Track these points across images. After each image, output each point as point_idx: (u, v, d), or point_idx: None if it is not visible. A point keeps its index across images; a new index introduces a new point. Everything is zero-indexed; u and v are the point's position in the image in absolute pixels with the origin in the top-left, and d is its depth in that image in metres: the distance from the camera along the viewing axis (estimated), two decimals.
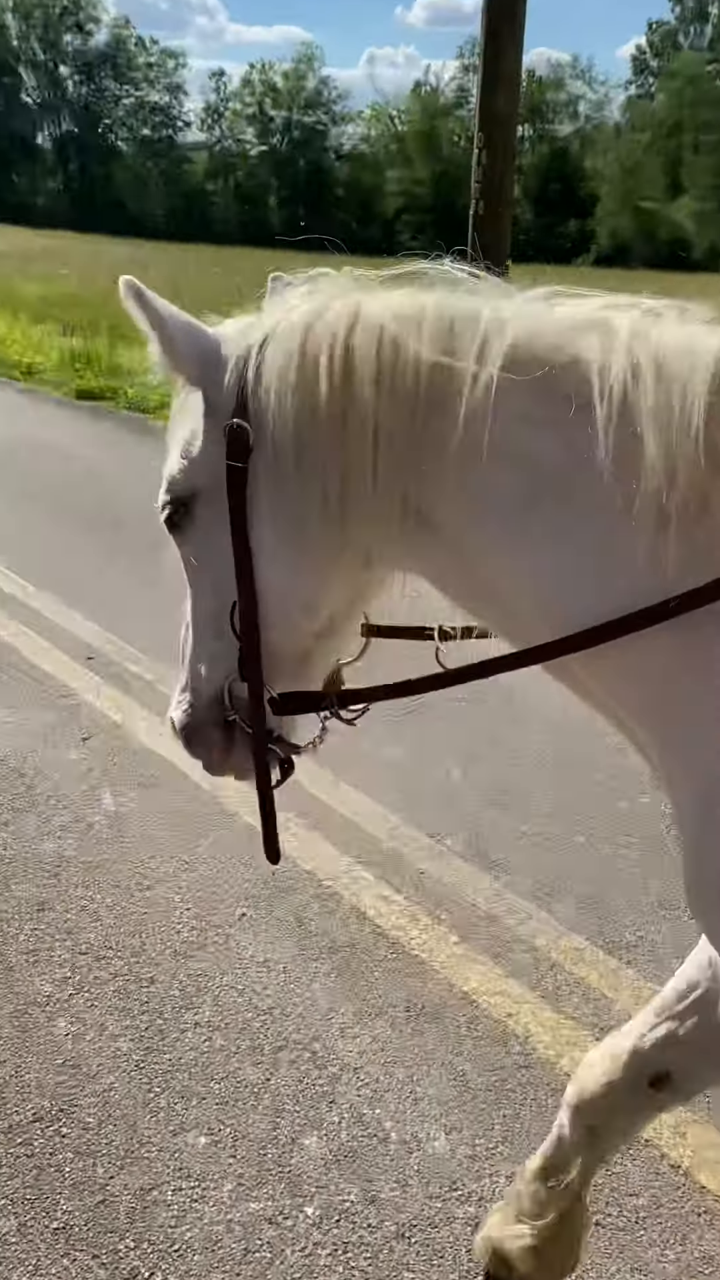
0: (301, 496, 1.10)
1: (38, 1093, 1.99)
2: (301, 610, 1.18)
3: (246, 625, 1.16)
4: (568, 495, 1.00)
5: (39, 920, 2.50)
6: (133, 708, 3.58)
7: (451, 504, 1.06)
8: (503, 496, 1.03)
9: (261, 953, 2.40)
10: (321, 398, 1.05)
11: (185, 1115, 1.96)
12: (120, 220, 64.62)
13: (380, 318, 1.05)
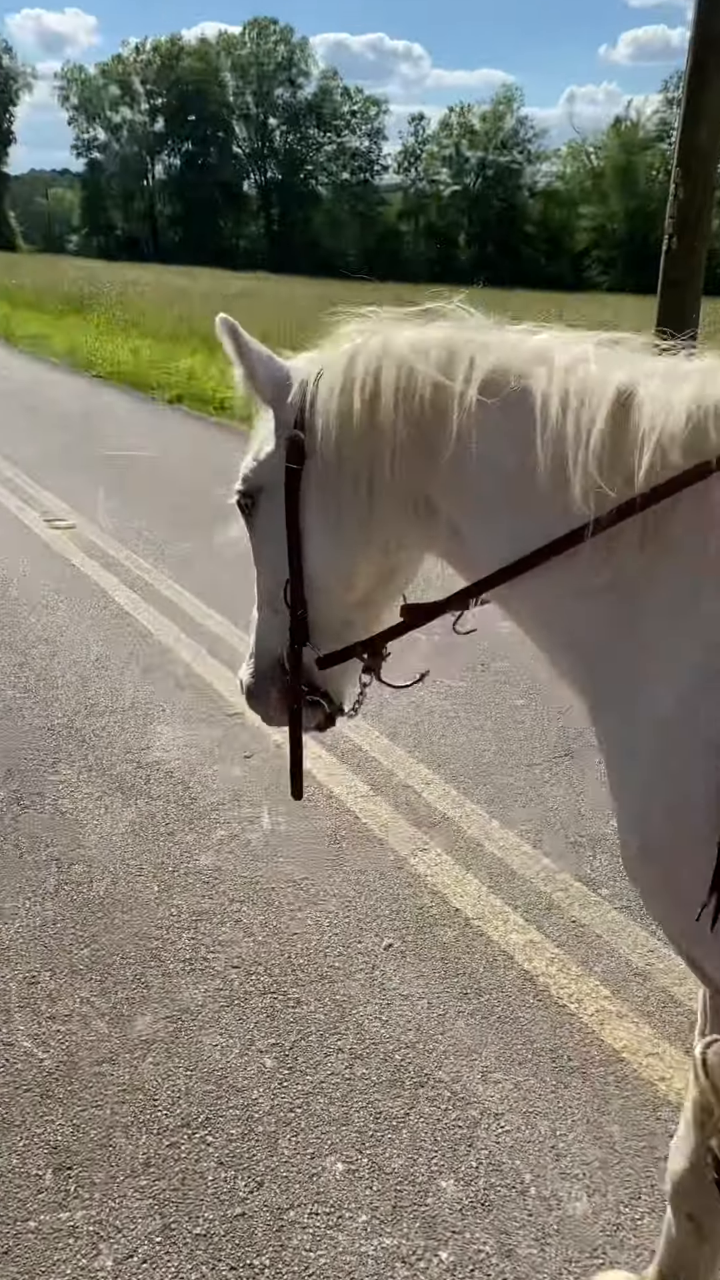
0: (340, 494, 1.40)
1: (186, 1098, 2.06)
2: (341, 584, 1.47)
3: (295, 596, 1.47)
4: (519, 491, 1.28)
5: (196, 930, 2.59)
6: None
7: (448, 497, 1.36)
8: (481, 491, 1.32)
9: (406, 986, 2.40)
10: (355, 418, 1.36)
11: (324, 1140, 1.97)
12: (314, 261, 67.21)
13: (401, 350, 1.35)
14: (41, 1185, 1.85)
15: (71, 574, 5.35)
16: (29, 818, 3.08)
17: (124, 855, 2.91)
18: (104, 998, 2.34)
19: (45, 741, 3.57)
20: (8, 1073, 2.11)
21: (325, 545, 1.45)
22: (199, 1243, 1.76)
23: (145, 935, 2.57)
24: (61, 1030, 2.23)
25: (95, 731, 3.66)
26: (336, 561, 1.46)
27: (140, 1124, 2.00)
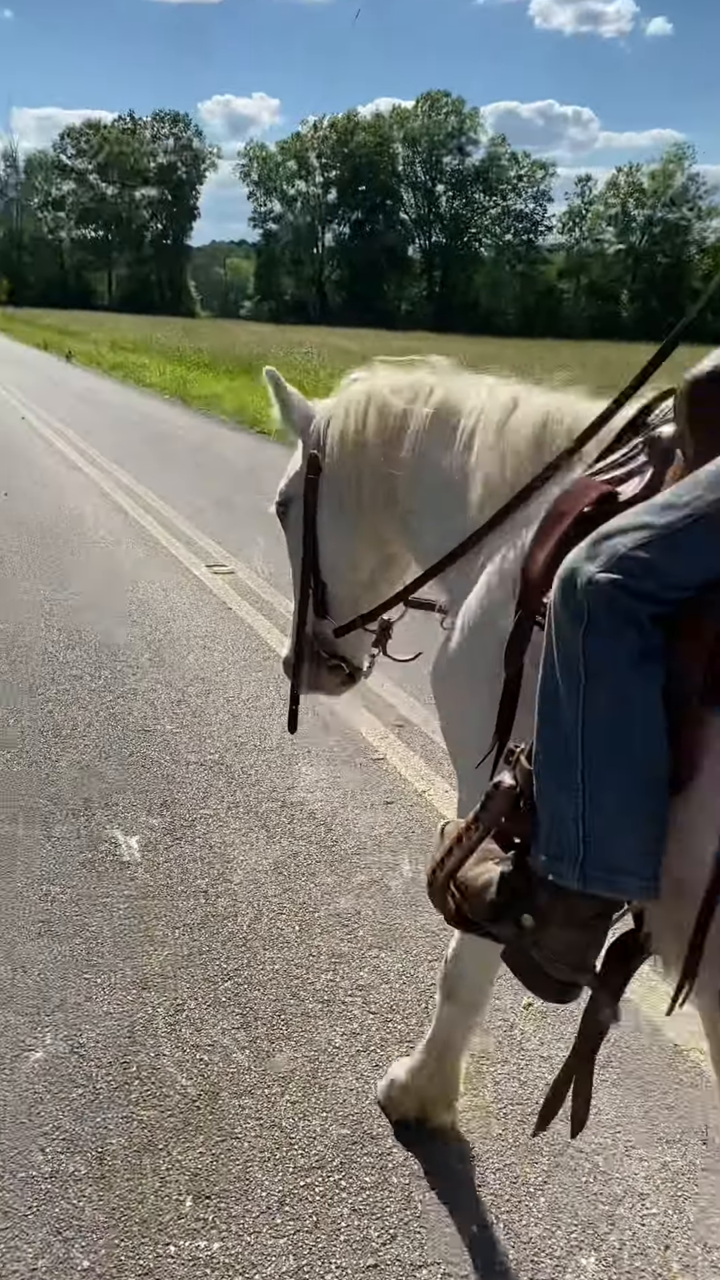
0: (342, 496, 1.94)
1: (321, 1140, 2.06)
2: (348, 567, 2.02)
3: (305, 574, 2.01)
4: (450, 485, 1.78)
5: (334, 972, 2.61)
6: (435, 780, 3.67)
7: (413, 494, 1.86)
8: (430, 485, 1.83)
9: (545, 1048, 2.32)
10: (349, 437, 1.91)
11: (459, 1198, 1.93)
12: (474, 320, 68.26)
13: (381, 388, 1.91)
14: (181, 1211, 1.89)
15: (228, 617, 5.57)
16: (179, 849, 3.19)
17: (267, 892, 2.97)
18: (245, 1031, 2.38)
19: (198, 776, 3.70)
20: (155, 1096, 2.16)
21: (334, 536, 1.99)
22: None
23: (285, 973, 2.60)
24: (204, 1060, 2.28)
25: (244, 769, 3.77)
26: (343, 549, 2.00)
27: (276, 1160, 2.01)
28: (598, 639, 1.24)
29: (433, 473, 1.82)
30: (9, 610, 5.43)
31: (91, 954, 2.63)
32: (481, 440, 1.74)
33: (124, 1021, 2.39)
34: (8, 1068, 2.22)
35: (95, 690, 4.43)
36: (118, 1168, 1.97)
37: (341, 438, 1.92)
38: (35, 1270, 1.76)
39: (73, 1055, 2.27)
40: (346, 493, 1.94)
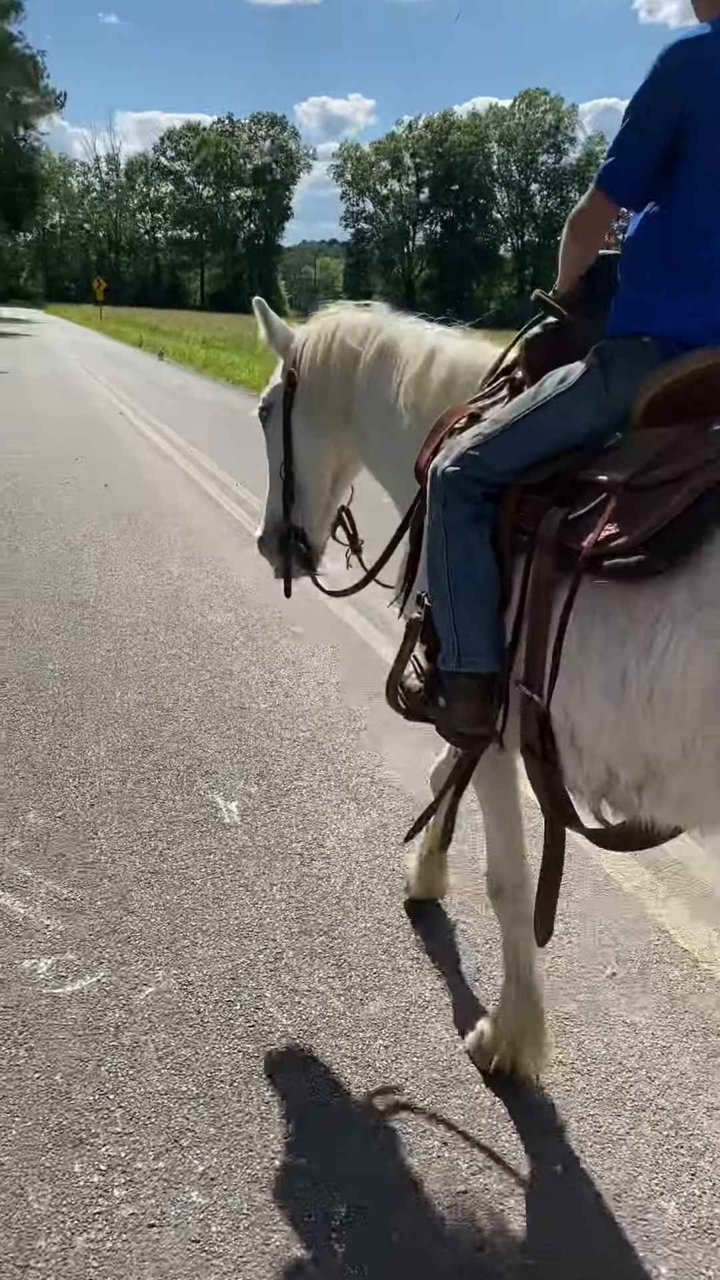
0: (309, 405, 2.46)
1: (413, 1081, 2.19)
2: (316, 463, 2.54)
3: (285, 466, 2.54)
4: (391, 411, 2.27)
5: (423, 934, 2.73)
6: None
7: (363, 413, 2.39)
8: (375, 408, 2.33)
9: (629, 1015, 2.41)
10: (318, 360, 2.42)
11: (543, 1141, 2.04)
12: None
13: (342, 326, 2.42)
14: (285, 1132, 2.04)
15: (320, 605, 5.72)
16: (275, 815, 3.35)
17: (358, 858, 3.11)
18: (339, 980, 2.52)
19: (291, 750, 3.86)
20: (257, 1032, 2.32)
21: (303, 437, 2.50)
22: (423, 1205, 1.87)
23: (377, 931, 2.74)
24: (302, 1003, 2.43)
25: (334, 746, 3.91)
26: (311, 447, 2.52)
27: (370, 1097, 2.14)
28: (450, 510, 1.86)
29: (378, 398, 2.32)
30: (112, 593, 5.70)
31: (196, 904, 2.81)
32: (411, 384, 2.24)
33: (227, 965, 2.56)
34: (125, 998, 2.41)
35: (193, 669, 4.63)
36: (225, 1091, 2.14)
37: (312, 359, 2.43)
38: (157, 1169, 1.93)
39: (181, 991, 2.45)
40: (315, 402, 2.46)
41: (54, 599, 5.49)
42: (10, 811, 3.25)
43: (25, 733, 3.84)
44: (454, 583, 1.87)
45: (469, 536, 1.84)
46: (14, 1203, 1.85)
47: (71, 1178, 1.91)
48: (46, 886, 2.85)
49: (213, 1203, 1.87)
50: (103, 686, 4.34)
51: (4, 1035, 2.26)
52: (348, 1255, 1.78)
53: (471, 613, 1.85)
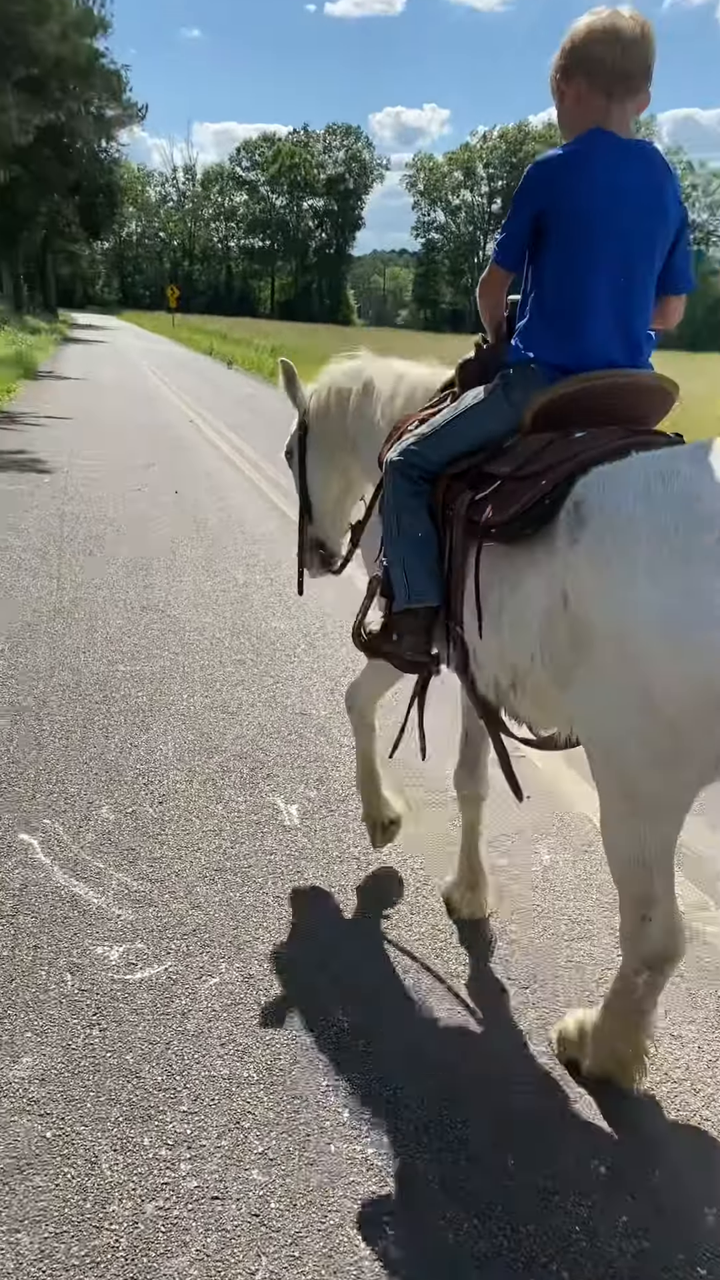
0: (318, 444, 3.19)
1: (465, 1078, 2.28)
2: (323, 488, 3.25)
3: (301, 494, 3.30)
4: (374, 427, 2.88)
5: (477, 942, 2.82)
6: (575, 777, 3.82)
7: (357, 435, 3.00)
8: (365, 429, 2.94)
9: (676, 1027, 2.47)
10: (321, 411, 3.14)
11: (587, 1141, 2.12)
12: None
13: (334, 377, 3.11)
14: (340, 1119, 2.15)
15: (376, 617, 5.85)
16: (334, 819, 3.47)
17: (414, 865, 3.21)
18: (395, 981, 2.63)
19: (350, 758, 3.95)
20: (314, 1024, 2.44)
21: (314, 469, 3.23)
22: (469, 1197, 1.97)
23: (432, 936, 2.83)
24: (361, 1000, 2.54)
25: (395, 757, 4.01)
26: (319, 477, 3.24)
27: (426, 1089, 2.24)
28: (396, 488, 2.48)
29: (366, 422, 2.94)
30: (180, 598, 5.89)
31: (258, 902, 2.94)
32: (385, 405, 2.88)
33: (287, 961, 2.68)
34: (190, 987, 2.55)
35: (256, 675, 4.78)
36: (283, 1079, 2.26)
37: (316, 410, 3.17)
38: (220, 1147, 2.06)
39: (244, 983, 2.58)
40: (321, 440, 3.17)
41: (126, 603, 5.70)
42: (85, 806, 3.43)
43: (98, 732, 4.02)
44: (402, 539, 2.47)
45: (411, 504, 2.45)
46: (89, 1169, 1.99)
47: (141, 1150, 2.04)
48: (117, 879, 3.01)
49: (271, 1181, 1.99)
50: (170, 689, 4.51)
51: (79, 1015, 2.42)
52: (397, 1240, 1.88)
53: (417, 560, 2.44)
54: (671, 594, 1.79)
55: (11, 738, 3.91)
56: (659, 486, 1.88)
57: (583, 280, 2.24)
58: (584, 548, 1.95)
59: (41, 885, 2.95)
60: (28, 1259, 1.80)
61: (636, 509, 1.88)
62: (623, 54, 2.17)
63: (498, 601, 2.21)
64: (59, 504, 8.28)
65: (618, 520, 1.90)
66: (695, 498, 1.82)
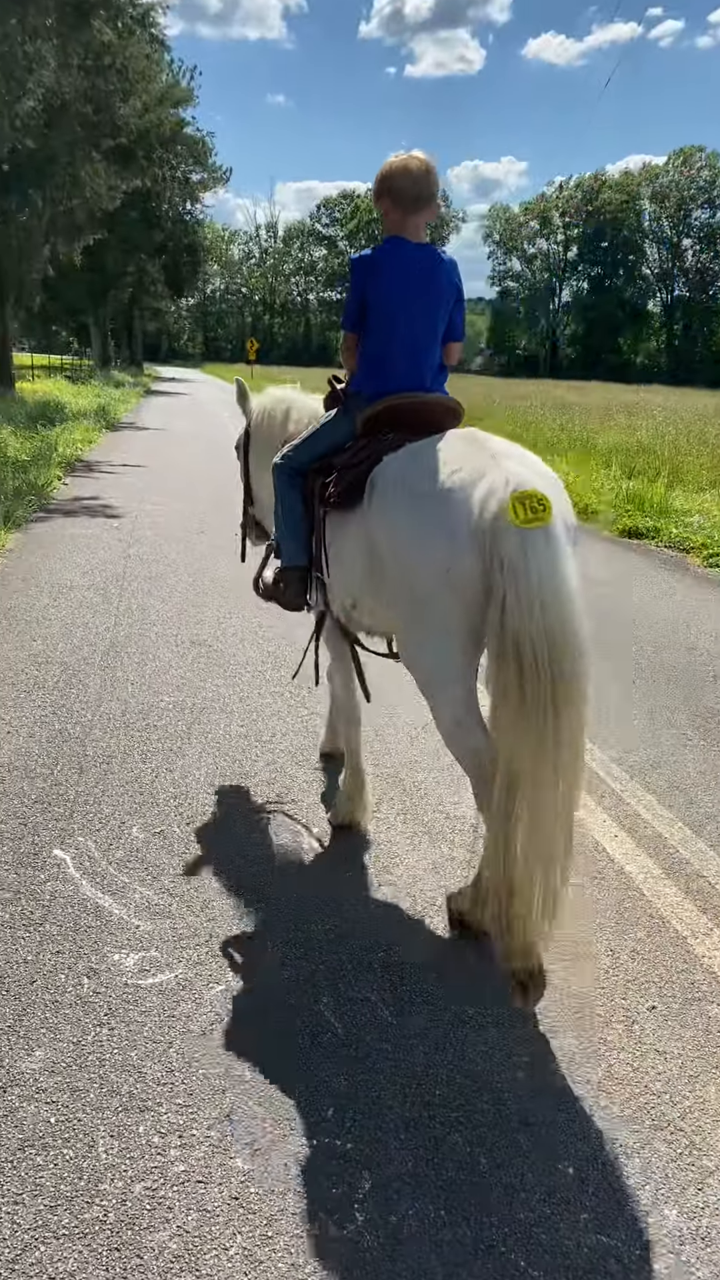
0: (258, 447, 4.10)
1: (445, 1085, 2.37)
2: (260, 483, 4.09)
3: (244, 483, 4.37)
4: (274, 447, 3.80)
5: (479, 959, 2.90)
6: (590, 805, 3.87)
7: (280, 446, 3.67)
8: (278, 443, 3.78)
9: (662, 1044, 2.52)
10: (260, 423, 4.10)
11: (561, 1146, 2.18)
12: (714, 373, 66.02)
13: (270, 398, 4.11)
14: (324, 1116, 2.26)
15: None
16: (352, 842, 3.60)
17: (423, 887, 3.31)
18: (390, 993, 2.73)
19: (374, 785, 4.10)
20: (311, 1030, 2.56)
21: (255, 465, 4.11)
22: (440, 1190, 2.06)
23: (433, 953, 2.93)
24: (353, 1011, 2.65)
25: (415, 783, 4.13)
26: (258, 471, 4.07)
27: (406, 1096, 2.34)
28: (279, 482, 3.44)
29: (283, 434, 3.83)
30: (228, 633, 6.13)
31: (271, 917, 3.08)
32: (293, 423, 3.86)
33: (293, 972, 2.81)
34: (198, 993, 2.70)
35: (292, 705, 4.96)
36: (275, 1077, 2.38)
37: (258, 421, 4.12)
38: (209, 1136, 2.19)
39: (248, 991, 2.71)
40: (259, 445, 4.09)
41: (176, 638, 5.97)
42: (117, 826, 3.63)
43: (137, 757, 4.24)
44: (284, 518, 3.48)
45: (289, 494, 3.43)
46: (86, 1151, 2.14)
47: (136, 1136, 2.19)
48: (140, 892, 3.18)
49: (254, 1169, 2.11)
50: (209, 718, 4.72)
51: (91, 1015, 2.59)
52: (368, 1224, 1.98)
53: (292, 534, 3.46)
54: (413, 521, 2.71)
55: (56, 761, 4.15)
56: (411, 461, 2.84)
57: (388, 338, 3.17)
58: (374, 505, 2.92)
59: (69, 897, 3.14)
60: (23, 1227, 1.95)
61: (397, 476, 2.85)
62: (413, 184, 3.09)
63: (337, 550, 3.20)
64: (125, 546, 8.67)
65: (388, 485, 2.88)
66: (426, 464, 2.76)
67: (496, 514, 2.47)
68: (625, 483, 12.13)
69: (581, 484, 12.44)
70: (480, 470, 2.59)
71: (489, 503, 2.50)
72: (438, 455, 2.74)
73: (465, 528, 2.54)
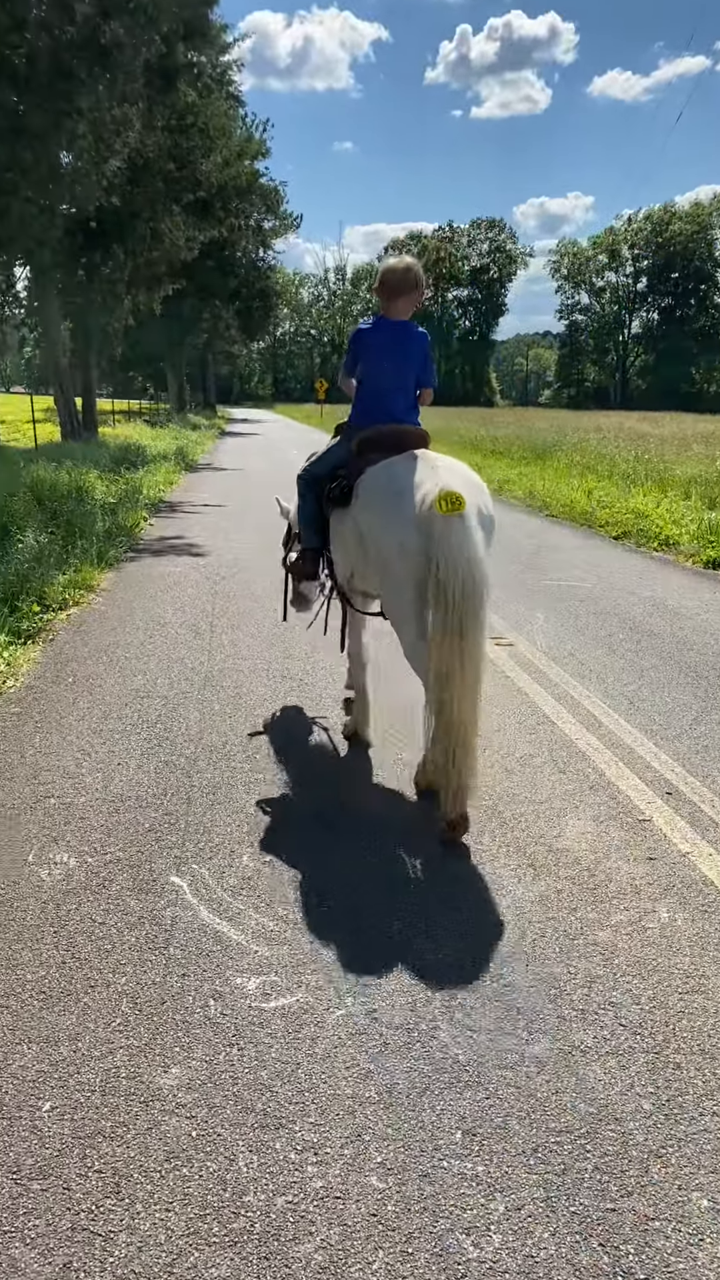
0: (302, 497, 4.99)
1: (570, 1113, 2.41)
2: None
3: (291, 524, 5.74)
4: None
5: (590, 989, 2.93)
6: (700, 843, 3.87)
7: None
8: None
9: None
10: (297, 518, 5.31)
11: (692, 1178, 2.20)
12: None
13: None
14: (452, 1140, 2.32)
15: (506, 684, 6.04)
16: (455, 871, 3.66)
17: (531, 918, 3.35)
18: (508, 1022, 2.78)
19: (473, 815, 4.15)
20: (430, 1057, 2.62)
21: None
22: (573, 1215, 2.10)
23: (545, 983, 2.97)
24: (474, 1039, 2.71)
25: (515, 815, 4.18)
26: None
27: (532, 1120, 2.38)
28: (301, 489, 4.74)
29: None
30: (318, 668, 6.27)
31: (383, 944, 3.16)
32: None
33: (408, 999, 2.88)
34: (319, 1017, 2.78)
35: (386, 737, 5.05)
36: (402, 1101, 2.45)
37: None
38: (342, 1155, 2.26)
39: (367, 1016, 2.79)
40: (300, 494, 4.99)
41: (268, 672, 6.13)
42: (228, 855, 3.75)
43: (240, 788, 4.38)
44: (304, 513, 4.78)
45: (308, 496, 4.71)
46: (228, 1165, 2.24)
47: (273, 1152, 2.28)
48: (255, 919, 3.29)
49: (389, 1187, 2.18)
50: (304, 750, 4.84)
51: (221, 1035, 2.69)
52: (505, 1247, 2.03)
53: (310, 524, 4.76)
54: (381, 514, 3.99)
55: (164, 792, 4.31)
56: (384, 472, 4.08)
57: (375, 385, 4.45)
58: (360, 503, 4.19)
59: (189, 922, 3.27)
60: (176, 1233, 2.05)
61: (374, 483, 4.11)
62: (396, 280, 4.34)
63: (339, 535, 4.55)
64: (212, 583, 8.93)
65: (367, 490, 4.14)
66: (395, 474, 4.01)
67: (430, 507, 3.72)
68: (707, 514, 12.01)
69: (664, 517, 12.36)
70: (423, 479, 3.88)
71: (426, 500, 3.75)
72: (398, 469, 4.03)
73: (412, 517, 3.80)
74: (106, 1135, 2.32)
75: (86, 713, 5.36)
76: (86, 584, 8.45)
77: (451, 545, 3.62)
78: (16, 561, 7.96)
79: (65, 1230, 2.06)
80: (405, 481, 3.89)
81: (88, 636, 7.01)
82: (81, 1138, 2.31)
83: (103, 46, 11.37)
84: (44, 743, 4.91)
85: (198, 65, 17.99)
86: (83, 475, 13.43)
